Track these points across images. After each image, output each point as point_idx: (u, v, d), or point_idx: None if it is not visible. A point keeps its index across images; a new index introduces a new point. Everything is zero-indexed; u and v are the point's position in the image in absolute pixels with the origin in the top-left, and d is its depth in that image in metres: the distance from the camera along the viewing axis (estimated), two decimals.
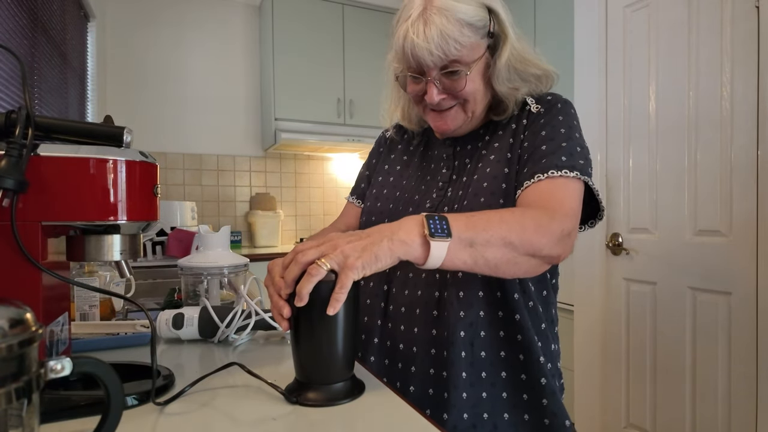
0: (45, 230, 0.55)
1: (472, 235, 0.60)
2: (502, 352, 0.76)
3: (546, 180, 0.71)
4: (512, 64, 0.78)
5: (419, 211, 0.81)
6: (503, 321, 0.76)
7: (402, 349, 0.79)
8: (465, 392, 0.74)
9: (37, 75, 1.93)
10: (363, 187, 1.00)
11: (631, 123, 1.97)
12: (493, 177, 0.77)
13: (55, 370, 0.35)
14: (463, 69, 0.75)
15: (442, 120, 0.81)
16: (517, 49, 0.79)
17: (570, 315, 2.31)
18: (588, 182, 0.74)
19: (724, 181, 1.66)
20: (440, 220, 0.59)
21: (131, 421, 0.52)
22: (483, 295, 0.76)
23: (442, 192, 0.83)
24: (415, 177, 0.89)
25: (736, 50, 1.62)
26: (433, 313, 0.77)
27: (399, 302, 0.80)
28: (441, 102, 0.78)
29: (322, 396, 0.57)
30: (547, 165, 0.72)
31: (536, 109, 0.79)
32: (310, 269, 0.53)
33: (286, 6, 3.04)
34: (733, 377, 1.64)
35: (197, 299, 1.00)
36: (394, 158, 0.96)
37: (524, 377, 0.76)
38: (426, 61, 0.74)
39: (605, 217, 2.06)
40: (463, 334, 0.74)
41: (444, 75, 0.76)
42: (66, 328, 0.63)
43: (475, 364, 0.75)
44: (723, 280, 1.67)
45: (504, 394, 0.75)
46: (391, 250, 0.56)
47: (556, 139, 0.75)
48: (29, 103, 0.55)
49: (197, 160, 3.24)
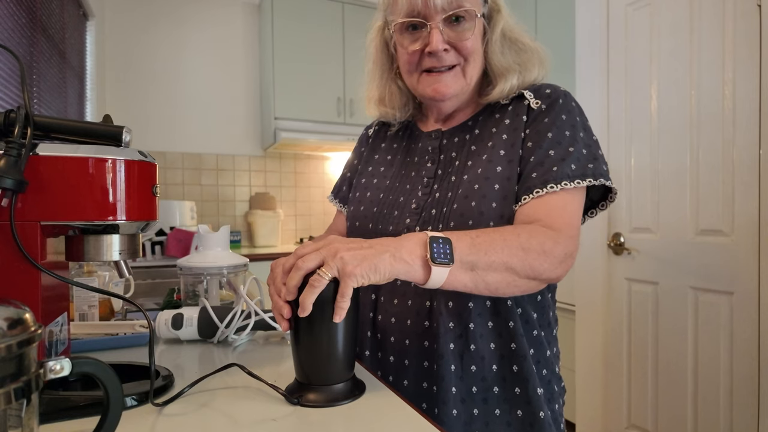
0: (44, 230, 0.55)
1: (474, 260, 0.59)
2: (494, 365, 0.72)
3: (547, 195, 0.68)
4: (507, 35, 0.77)
5: (404, 213, 0.78)
6: (494, 331, 0.73)
7: (392, 362, 0.77)
8: (455, 409, 0.71)
9: (36, 74, 1.92)
10: (345, 189, 0.97)
11: (633, 122, 1.97)
12: (485, 178, 0.72)
13: (55, 371, 0.35)
14: (468, 20, 0.73)
15: (441, 83, 0.75)
16: (509, 23, 0.78)
17: (571, 315, 2.31)
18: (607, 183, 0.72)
19: (726, 181, 1.65)
20: (444, 243, 0.58)
21: (130, 421, 0.52)
22: (473, 306, 0.73)
23: (428, 190, 0.78)
24: (399, 176, 0.85)
25: (738, 49, 1.61)
26: (424, 324, 0.74)
27: (389, 312, 0.78)
28: (442, 55, 0.73)
29: (322, 397, 0.57)
30: (558, 174, 0.69)
31: (536, 105, 0.75)
32: (312, 281, 0.53)
33: (286, 5, 3.04)
34: (735, 377, 1.64)
35: (196, 299, 1.00)
36: (378, 158, 0.91)
37: (518, 391, 0.72)
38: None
39: (607, 217, 2.07)
40: (452, 346, 0.71)
41: (448, 24, 0.73)
42: (65, 329, 0.63)
43: (465, 379, 0.72)
44: (725, 280, 1.66)
45: (497, 411, 0.72)
46: (392, 265, 0.56)
47: (563, 143, 0.71)
48: (28, 102, 0.54)
49: (196, 159, 3.24)
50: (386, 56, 0.85)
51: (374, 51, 0.85)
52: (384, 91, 0.87)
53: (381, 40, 0.84)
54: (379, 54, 0.85)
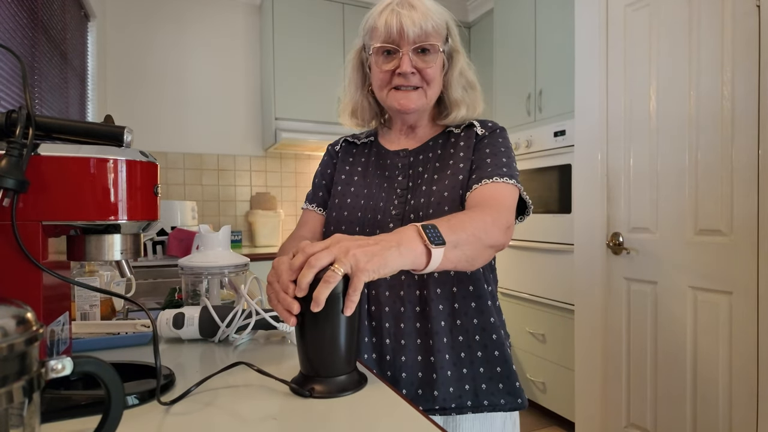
0: (45, 230, 0.55)
1: (456, 238, 0.69)
2: (477, 336, 0.89)
3: (491, 183, 0.86)
4: (463, 74, 0.96)
5: (386, 217, 0.91)
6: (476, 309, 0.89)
7: (389, 343, 0.89)
8: (449, 371, 0.87)
9: (38, 75, 1.93)
10: (322, 195, 1.04)
11: (632, 122, 1.97)
12: (452, 187, 0.89)
13: (56, 370, 0.35)
14: (432, 52, 0.90)
15: (406, 98, 0.92)
16: (464, 65, 0.97)
17: (570, 314, 2.31)
18: (520, 189, 0.90)
19: (725, 181, 1.65)
20: (433, 228, 0.67)
21: (137, 420, 0.52)
22: (457, 290, 0.88)
23: (403, 198, 0.93)
24: (374, 185, 0.97)
25: (737, 49, 1.62)
26: (416, 309, 0.88)
27: (382, 302, 0.89)
28: (410, 76, 0.90)
29: (331, 388, 0.59)
30: (492, 173, 0.87)
31: (482, 132, 0.95)
32: (327, 276, 0.56)
33: (287, 5, 3.04)
34: (733, 377, 1.64)
35: (198, 299, 1.00)
36: (349, 170, 1.03)
37: (497, 354, 0.89)
38: (408, 30, 0.87)
39: (606, 217, 2.08)
40: (443, 323, 0.88)
41: (416, 53, 0.89)
42: (67, 328, 0.63)
43: (455, 347, 0.88)
44: (724, 279, 1.66)
45: (481, 369, 0.89)
46: (401, 257, 0.62)
47: (498, 155, 0.91)
48: (30, 102, 0.55)
49: (197, 159, 3.24)
50: (361, 75, 1.00)
51: (351, 70, 1.01)
52: (357, 104, 1.02)
53: (358, 60, 1.00)
54: (355, 73, 1.01)
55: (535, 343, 2.58)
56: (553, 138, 2.42)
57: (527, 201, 0.93)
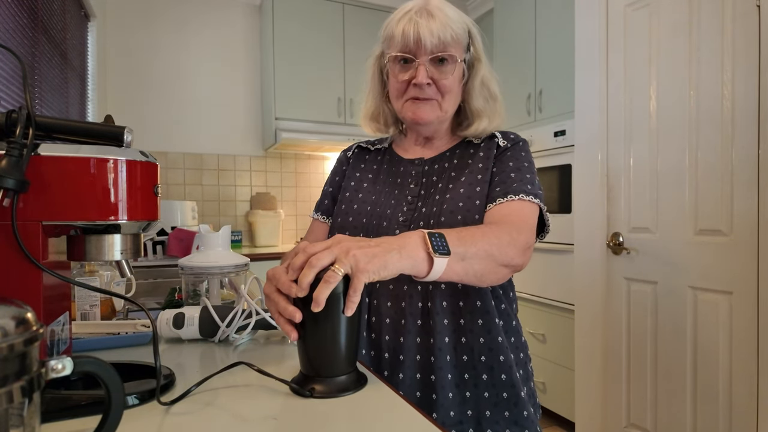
0: (46, 230, 0.55)
1: (464, 250, 0.67)
2: (483, 356, 0.83)
3: (517, 201, 0.83)
4: (485, 83, 0.92)
5: (392, 224, 0.88)
6: (483, 328, 0.83)
7: (387, 358, 0.84)
8: (451, 392, 0.81)
9: (38, 75, 1.93)
10: (327, 203, 1.03)
11: (632, 122, 1.97)
12: (467, 197, 0.85)
13: (56, 370, 0.35)
14: (450, 63, 0.86)
15: (421, 110, 0.89)
16: (487, 73, 0.93)
17: (570, 314, 2.31)
18: (542, 207, 0.87)
19: (725, 181, 1.65)
20: (439, 237, 0.66)
21: (137, 420, 0.52)
22: (463, 305, 0.83)
23: (413, 206, 0.89)
24: (383, 192, 0.95)
25: (737, 49, 1.61)
26: (418, 322, 0.83)
27: (383, 314, 0.85)
28: (425, 87, 0.86)
29: (331, 388, 0.59)
30: (517, 189, 0.84)
31: (504, 144, 0.92)
32: (327, 276, 0.56)
33: (287, 5, 3.04)
34: (734, 376, 1.64)
35: (198, 299, 1.00)
36: (359, 176, 1.01)
37: (504, 377, 0.83)
38: (425, 41, 0.83)
39: (606, 217, 2.08)
40: (447, 340, 0.82)
41: (433, 63, 0.86)
42: (67, 328, 0.63)
43: (458, 367, 0.83)
44: (724, 279, 1.66)
45: (486, 394, 0.83)
46: (399, 262, 0.61)
47: (522, 170, 0.88)
48: (30, 102, 0.55)
49: (198, 159, 3.24)
50: (380, 82, 0.98)
51: (371, 76, 0.98)
52: (377, 110, 1.00)
53: (377, 67, 0.97)
54: (375, 79, 0.98)
55: (535, 343, 2.58)
56: (553, 138, 2.42)
57: (546, 221, 0.89)
